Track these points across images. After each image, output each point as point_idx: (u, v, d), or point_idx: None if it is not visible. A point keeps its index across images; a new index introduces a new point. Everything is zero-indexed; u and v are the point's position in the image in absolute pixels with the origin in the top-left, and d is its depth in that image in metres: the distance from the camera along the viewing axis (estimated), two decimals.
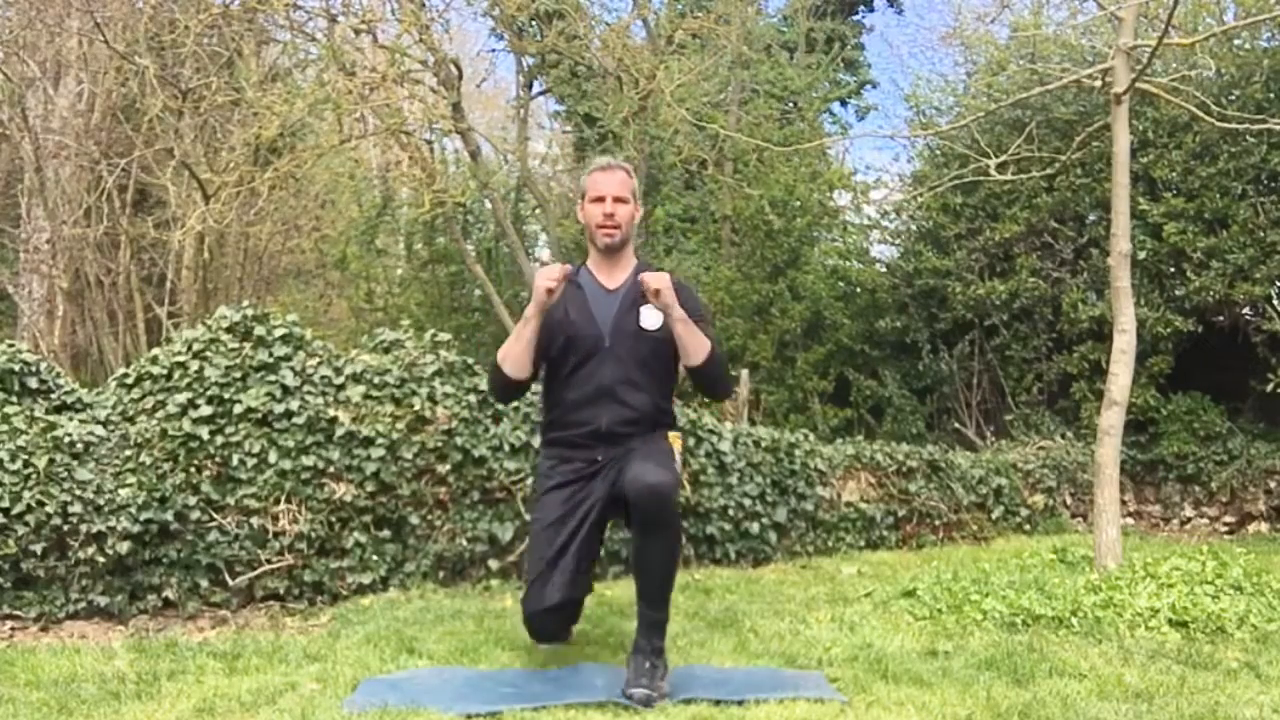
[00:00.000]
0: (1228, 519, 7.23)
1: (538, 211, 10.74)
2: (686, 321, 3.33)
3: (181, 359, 4.57)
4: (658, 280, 3.31)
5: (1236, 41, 7.54)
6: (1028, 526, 6.49)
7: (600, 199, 3.46)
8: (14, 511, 4.02)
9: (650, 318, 3.38)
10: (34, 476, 4.09)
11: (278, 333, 4.67)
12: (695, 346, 3.34)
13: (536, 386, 3.64)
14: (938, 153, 8.84)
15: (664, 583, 3.20)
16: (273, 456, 4.41)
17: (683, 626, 3.85)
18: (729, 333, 9.10)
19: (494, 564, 4.64)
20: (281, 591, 4.41)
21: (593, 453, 3.40)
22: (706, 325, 3.46)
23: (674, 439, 3.44)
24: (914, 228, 9.41)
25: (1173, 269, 7.37)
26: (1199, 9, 7.85)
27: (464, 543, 4.62)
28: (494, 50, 13.77)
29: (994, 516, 6.34)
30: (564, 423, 3.45)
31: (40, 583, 4.10)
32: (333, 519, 4.47)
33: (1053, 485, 6.79)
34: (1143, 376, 7.14)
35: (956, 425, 8.38)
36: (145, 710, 2.93)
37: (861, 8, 15.36)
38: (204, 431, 4.37)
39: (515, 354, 3.41)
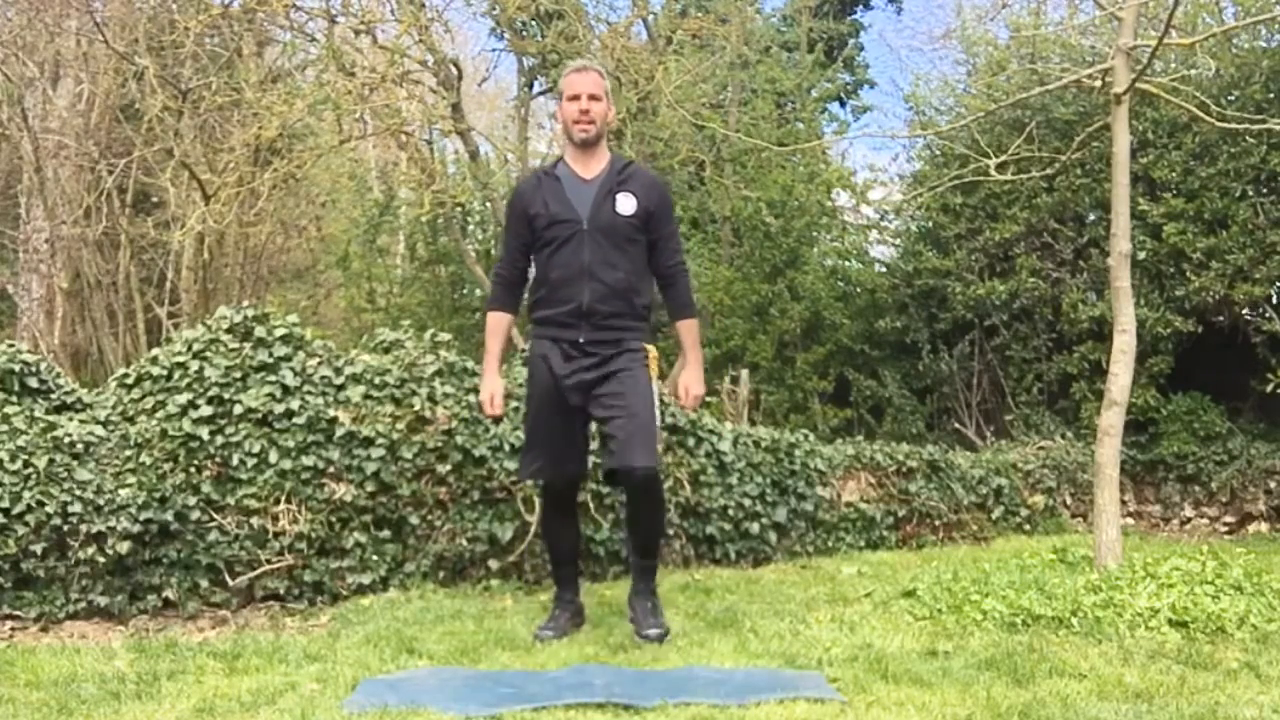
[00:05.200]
0: (1228, 519, 7.22)
1: None
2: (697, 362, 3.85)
3: (181, 359, 4.57)
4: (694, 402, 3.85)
5: (1236, 41, 7.53)
6: (1028, 526, 6.48)
7: (576, 97, 3.74)
8: (14, 511, 4.02)
9: (625, 204, 3.69)
10: (34, 476, 4.10)
11: (278, 333, 4.67)
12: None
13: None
14: (938, 153, 8.83)
15: (654, 536, 3.80)
16: (273, 456, 4.41)
17: (683, 626, 3.85)
18: (729, 333, 9.09)
19: (494, 564, 4.64)
20: (281, 591, 4.41)
21: (576, 332, 3.67)
22: (675, 227, 3.87)
23: (651, 357, 3.72)
24: (914, 228, 9.39)
25: (1173, 269, 7.35)
26: (1199, 9, 7.84)
27: (464, 543, 4.62)
28: (494, 50, 13.77)
29: (994, 516, 6.33)
30: (549, 301, 3.74)
31: (40, 583, 4.10)
32: (333, 519, 4.47)
33: (1053, 485, 6.78)
34: (1143, 376, 7.13)
35: (956, 425, 8.37)
36: (145, 710, 2.93)
37: (860, 7, 15.33)
38: (204, 432, 4.37)
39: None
